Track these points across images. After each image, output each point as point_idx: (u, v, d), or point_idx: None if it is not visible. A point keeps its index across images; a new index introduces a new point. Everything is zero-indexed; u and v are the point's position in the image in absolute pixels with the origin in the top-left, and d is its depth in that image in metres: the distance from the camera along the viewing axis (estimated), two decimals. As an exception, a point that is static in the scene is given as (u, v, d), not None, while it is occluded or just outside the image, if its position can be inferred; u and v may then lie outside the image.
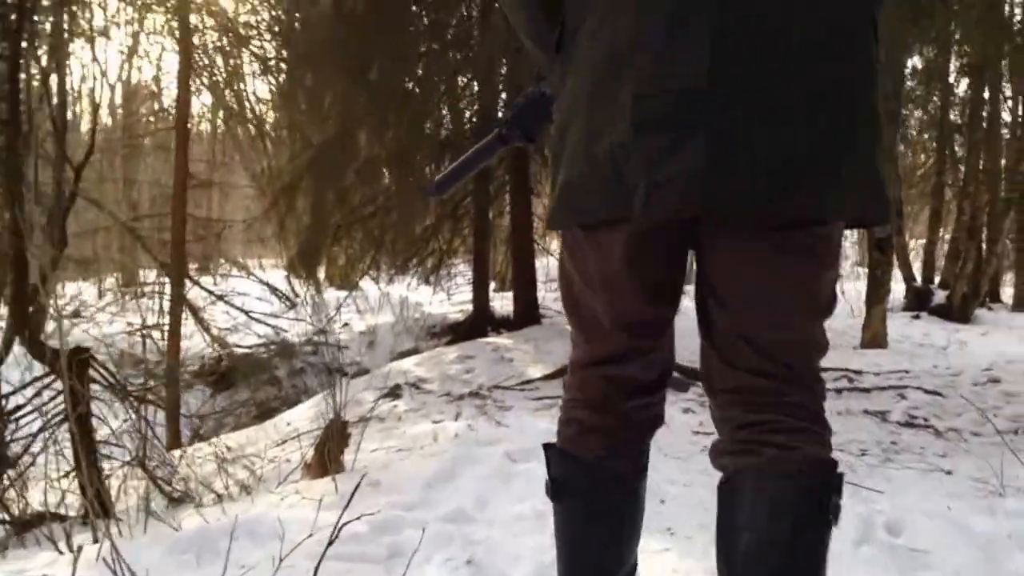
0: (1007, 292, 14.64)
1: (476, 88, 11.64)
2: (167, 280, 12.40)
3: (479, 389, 7.19)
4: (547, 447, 1.87)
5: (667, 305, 1.70)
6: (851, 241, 28.72)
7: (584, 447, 1.79)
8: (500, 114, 11.08)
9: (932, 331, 10.37)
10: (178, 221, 11.99)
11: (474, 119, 11.65)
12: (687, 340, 2.09)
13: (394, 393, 7.59)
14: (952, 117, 13.24)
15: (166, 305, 12.18)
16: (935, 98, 13.10)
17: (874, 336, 9.46)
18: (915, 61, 12.04)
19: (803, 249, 1.52)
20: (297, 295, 15.29)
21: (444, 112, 11.72)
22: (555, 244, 13.74)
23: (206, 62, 13.65)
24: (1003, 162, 12.44)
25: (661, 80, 1.41)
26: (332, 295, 15.76)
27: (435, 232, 11.76)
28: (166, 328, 11.84)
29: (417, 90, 10.69)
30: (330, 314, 12.99)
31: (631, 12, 1.46)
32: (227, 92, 16.14)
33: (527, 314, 11.01)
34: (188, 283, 12.56)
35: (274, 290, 15.26)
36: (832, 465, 1.59)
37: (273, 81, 17.32)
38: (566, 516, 1.84)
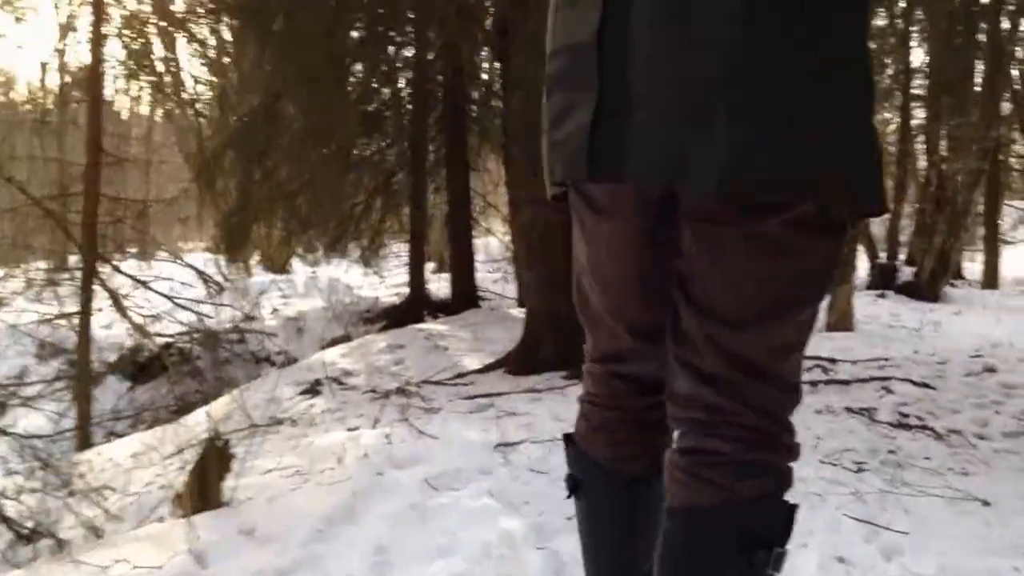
0: (971, 268, 14.06)
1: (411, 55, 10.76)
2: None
3: (407, 385, 6.35)
4: (567, 438, 1.72)
5: (664, 303, 1.45)
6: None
7: (592, 446, 1.66)
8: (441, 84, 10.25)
9: (901, 311, 9.64)
10: (90, 200, 10.96)
11: (409, 89, 10.76)
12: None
13: (314, 390, 6.74)
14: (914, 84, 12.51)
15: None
16: (889, 63, 12.35)
17: (841, 317, 8.72)
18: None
19: (758, 239, 1.31)
20: (228, 280, 14.40)
21: (380, 84, 10.78)
22: (496, 223, 12.87)
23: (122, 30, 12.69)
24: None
25: (566, 35, 1.36)
26: (263, 279, 14.86)
27: (367, 209, 10.80)
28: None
29: (350, 60, 9.78)
30: (254, 299, 12.03)
31: None
32: (162, 72, 15.27)
33: (465, 297, 10.17)
34: (108, 267, 11.54)
35: (201, 274, 14.36)
36: (769, 507, 1.41)
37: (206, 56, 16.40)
38: (581, 514, 1.72)
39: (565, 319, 6.84)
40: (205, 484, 3.32)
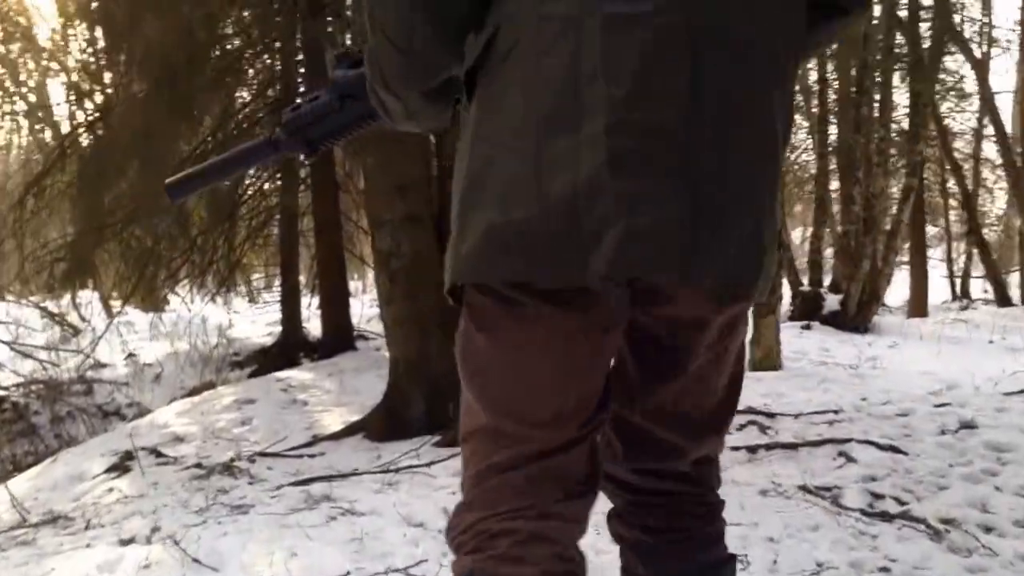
0: (889, 294, 13.11)
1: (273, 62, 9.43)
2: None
3: (236, 459, 4.97)
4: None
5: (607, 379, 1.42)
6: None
7: (526, 563, 1.34)
8: (300, 96, 8.89)
9: (831, 345, 8.51)
10: None
11: (270, 98, 9.41)
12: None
13: (123, 465, 5.31)
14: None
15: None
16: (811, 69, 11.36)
17: (766, 355, 7.56)
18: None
19: (741, 322, 1.44)
20: (85, 320, 12.91)
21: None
22: (368, 249, 11.51)
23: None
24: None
25: (639, 111, 1.20)
26: (127, 319, 13.32)
27: (224, 236, 9.28)
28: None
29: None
30: (94, 343, 10.54)
31: (598, 33, 1.22)
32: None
33: (337, 338, 8.77)
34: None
35: (52, 316, 12.88)
36: (726, 562, 1.56)
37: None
38: None
39: (437, 369, 5.58)
40: None
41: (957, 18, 11.27)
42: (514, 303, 1.30)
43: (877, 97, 10.56)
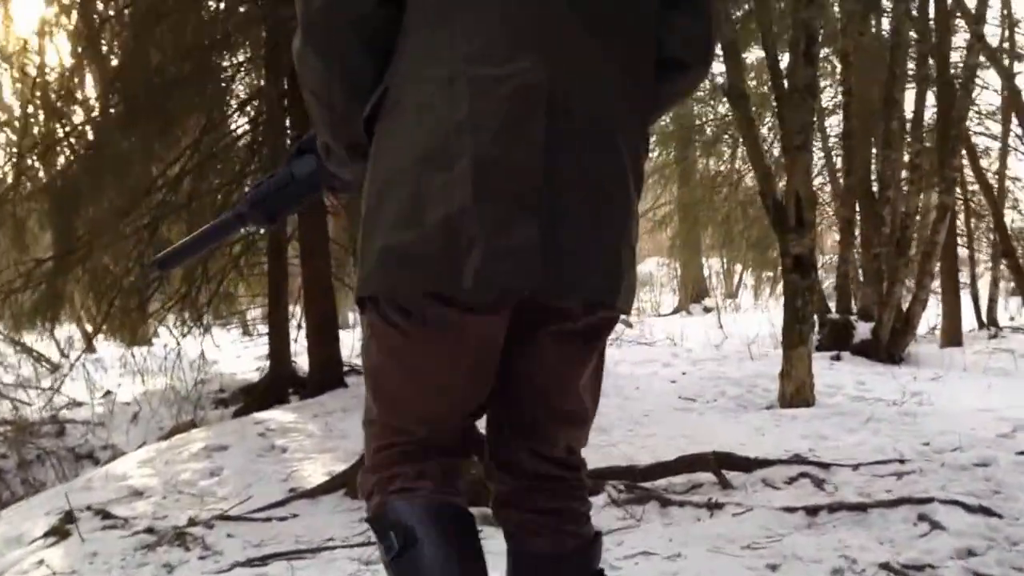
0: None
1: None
2: None
3: (194, 521, 4.23)
4: (375, 518, 1.68)
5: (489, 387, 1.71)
6: (716, 271, 26.69)
7: (420, 488, 1.65)
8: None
9: (867, 378, 7.70)
10: None
11: (256, 117, 8.73)
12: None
13: (63, 529, 4.54)
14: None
15: None
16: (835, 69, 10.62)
17: (798, 390, 6.78)
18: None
19: (600, 341, 1.70)
20: (65, 355, 12.24)
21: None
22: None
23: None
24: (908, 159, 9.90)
25: (500, 152, 1.46)
26: (115, 353, 12.61)
27: (204, 262, 8.53)
28: None
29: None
30: (59, 378, 9.84)
31: (467, 90, 1.49)
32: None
33: (326, 374, 8.02)
34: None
35: (29, 352, 12.22)
36: (599, 536, 1.82)
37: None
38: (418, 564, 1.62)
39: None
40: None
41: (986, 29, 10.53)
42: (403, 315, 1.54)
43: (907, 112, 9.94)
